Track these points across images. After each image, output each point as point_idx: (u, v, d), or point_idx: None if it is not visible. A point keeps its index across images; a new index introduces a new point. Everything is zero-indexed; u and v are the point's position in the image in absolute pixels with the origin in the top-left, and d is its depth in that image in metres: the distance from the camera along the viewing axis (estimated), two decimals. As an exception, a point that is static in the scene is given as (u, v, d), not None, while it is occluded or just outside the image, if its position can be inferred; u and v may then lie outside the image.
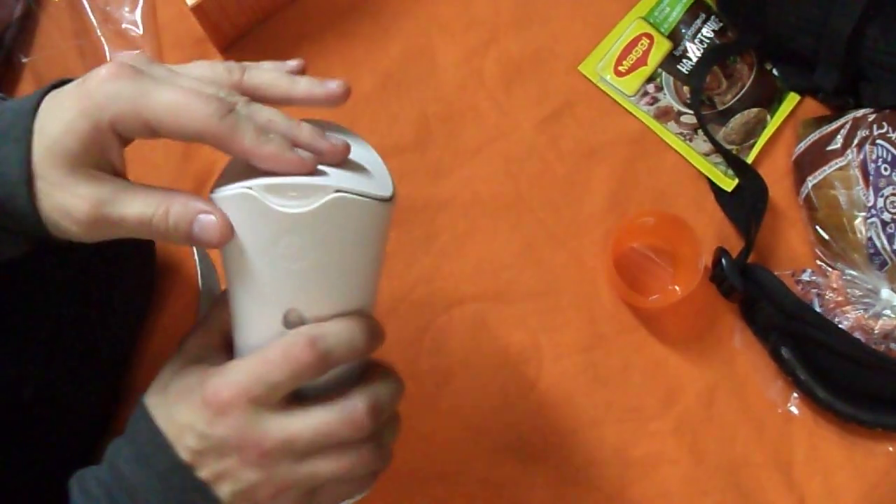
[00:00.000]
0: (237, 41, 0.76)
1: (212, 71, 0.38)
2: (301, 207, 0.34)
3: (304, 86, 0.39)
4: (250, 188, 0.34)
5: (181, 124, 0.34)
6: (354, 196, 0.35)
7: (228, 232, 0.35)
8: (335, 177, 0.35)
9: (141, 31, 0.75)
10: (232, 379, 0.36)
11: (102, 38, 0.75)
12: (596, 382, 0.71)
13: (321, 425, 0.37)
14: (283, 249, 0.35)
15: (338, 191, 0.34)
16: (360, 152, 0.39)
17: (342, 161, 0.37)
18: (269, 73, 0.39)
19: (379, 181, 0.38)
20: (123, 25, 0.75)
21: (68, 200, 0.34)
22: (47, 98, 0.36)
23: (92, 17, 0.75)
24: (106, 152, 0.35)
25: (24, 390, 0.38)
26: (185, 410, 0.36)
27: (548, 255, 0.74)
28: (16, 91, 0.74)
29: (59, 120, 0.34)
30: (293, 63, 0.41)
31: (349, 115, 0.75)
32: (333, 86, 0.40)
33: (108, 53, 0.75)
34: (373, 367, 0.41)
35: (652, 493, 0.69)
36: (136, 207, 0.35)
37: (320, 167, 0.36)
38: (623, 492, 0.69)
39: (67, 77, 0.37)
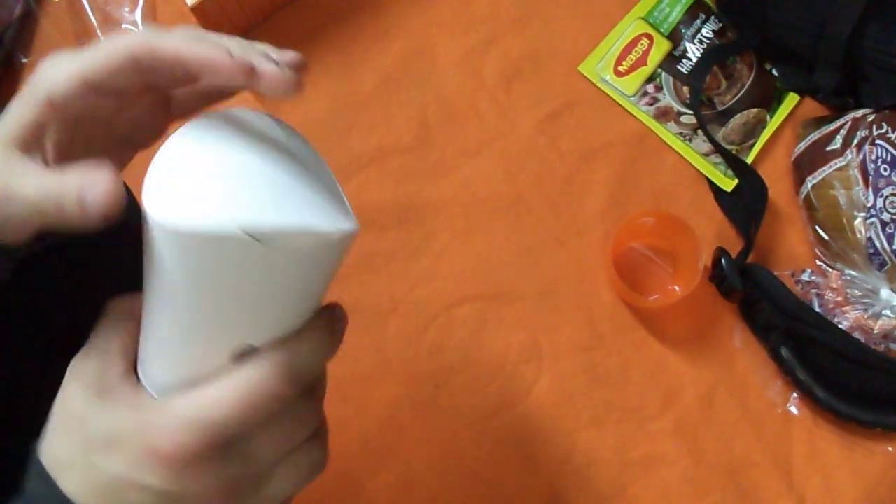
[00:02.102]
0: (237, 41, 0.76)
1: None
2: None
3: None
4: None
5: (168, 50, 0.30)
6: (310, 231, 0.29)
7: (116, 199, 0.29)
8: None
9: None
10: (189, 425, 0.30)
11: (102, 39, 0.75)
12: (596, 382, 0.71)
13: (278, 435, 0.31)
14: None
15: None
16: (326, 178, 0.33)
17: (292, 76, 0.30)
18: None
19: (344, 211, 0.31)
20: (123, 25, 0.75)
21: None
22: None
23: (92, 17, 0.75)
24: (40, 132, 0.33)
25: (19, 400, 0.37)
26: (122, 462, 0.30)
27: (548, 255, 0.74)
28: (16, 91, 0.74)
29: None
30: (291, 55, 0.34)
31: (350, 114, 0.76)
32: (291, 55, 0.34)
33: (108, 53, 0.75)
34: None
35: (652, 493, 0.69)
36: (36, 179, 0.31)
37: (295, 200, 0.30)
38: (623, 492, 0.69)
39: None
